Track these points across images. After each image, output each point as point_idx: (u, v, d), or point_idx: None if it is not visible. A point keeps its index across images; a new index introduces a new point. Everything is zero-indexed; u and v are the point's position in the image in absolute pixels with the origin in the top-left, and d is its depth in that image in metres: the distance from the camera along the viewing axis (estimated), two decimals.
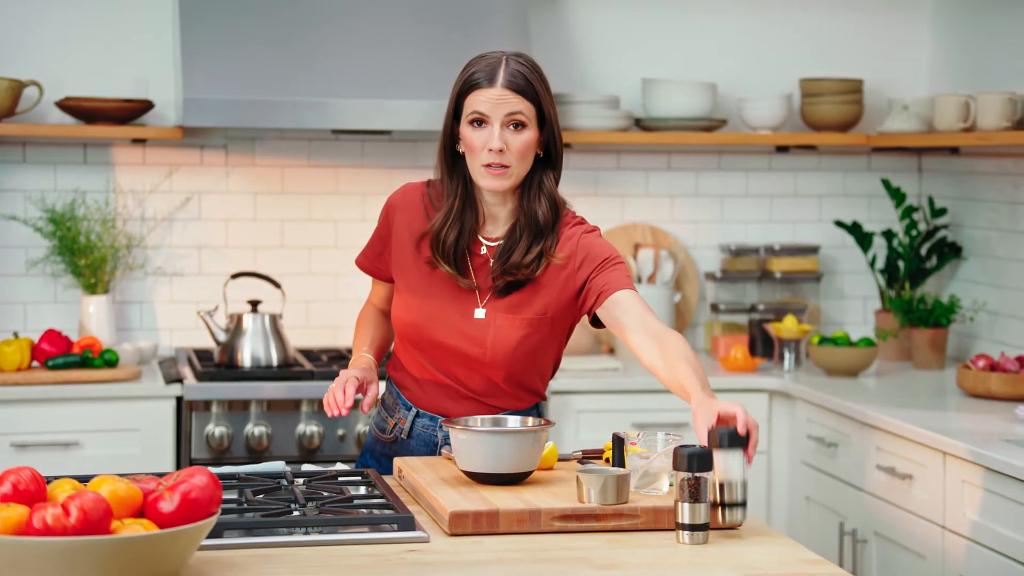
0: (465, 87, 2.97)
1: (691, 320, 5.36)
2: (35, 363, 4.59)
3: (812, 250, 5.33)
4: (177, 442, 4.49)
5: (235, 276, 4.78)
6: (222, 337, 4.63)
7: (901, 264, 5.26)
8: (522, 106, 2.95)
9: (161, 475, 2.38)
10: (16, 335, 4.61)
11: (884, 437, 4.13)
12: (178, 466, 4.46)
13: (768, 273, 5.29)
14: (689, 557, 2.46)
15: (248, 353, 4.59)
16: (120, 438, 4.45)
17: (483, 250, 3.06)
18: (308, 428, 4.47)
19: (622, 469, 2.68)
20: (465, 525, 2.57)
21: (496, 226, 3.07)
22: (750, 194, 5.42)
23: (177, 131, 4.78)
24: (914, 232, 5.24)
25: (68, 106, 4.80)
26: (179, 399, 4.48)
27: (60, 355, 4.53)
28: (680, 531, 2.53)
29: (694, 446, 2.53)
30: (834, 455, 4.44)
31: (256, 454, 4.44)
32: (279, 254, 5.08)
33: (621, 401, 4.71)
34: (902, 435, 4.01)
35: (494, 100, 2.94)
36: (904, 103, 5.16)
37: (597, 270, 3.01)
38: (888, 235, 5.26)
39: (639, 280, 5.17)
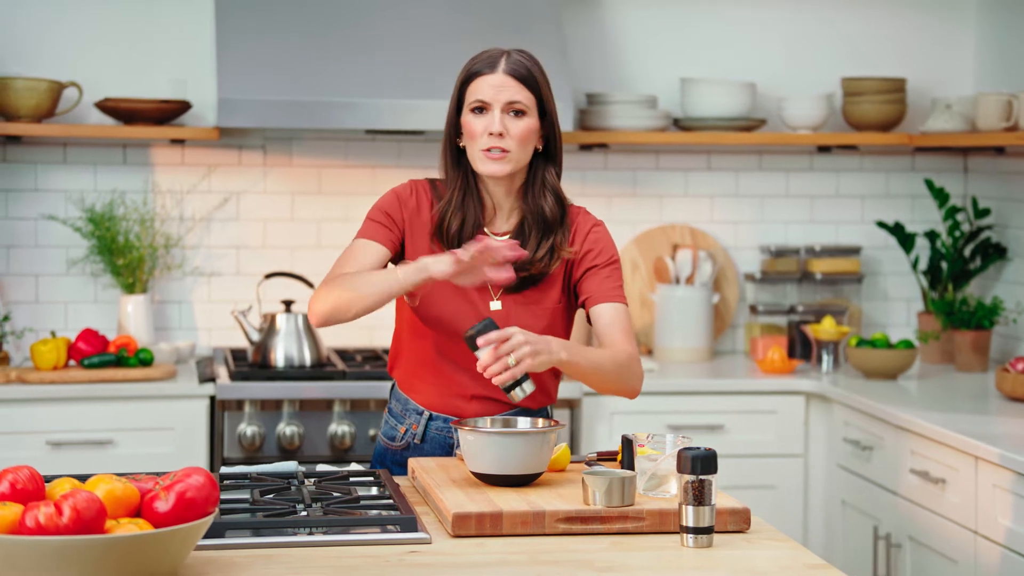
0: (467, 76, 3.03)
1: (730, 321, 5.32)
2: (72, 362, 4.62)
3: (854, 251, 5.27)
4: (211, 441, 4.50)
5: (269, 276, 4.80)
6: (256, 337, 4.64)
7: (944, 265, 5.20)
8: (522, 95, 3.00)
9: (160, 475, 2.39)
10: (53, 334, 4.65)
11: (918, 440, 4.08)
12: (211, 465, 4.48)
13: (809, 274, 5.24)
14: (692, 560, 2.44)
15: (281, 353, 4.61)
16: (154, 437, 4.47)
17: None
18: (340, 428, 4.47)
19: (628, 471, 2.66)
20: (468, 526, 2.56)
21: (504, 220, 3.10)
22: (791, 194, 5.37)
23: (214, 132, 4.80)
24: (957, 233, 5.17)
25: (107, 107, 4.83)
26: (212, 398, 4.50)
27: (96, 354, 4.56)
28: (684, 534, 2.51)
29: (699, 448, 2.50)
30: (869, 458, 4.39)
31: (288, 454, 4.45)
32: (316, 254, 5.09)
33: (656, 403, 4.67)
34: (935, 439, 3.96)
35: (495, 86, 2.99)
36: (947, 102, 5.10)
37: (595, 269, 3.07)
38: (931, 236, 5.20)
39: (676, 281, 5.13)
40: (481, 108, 3.00)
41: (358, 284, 2.90)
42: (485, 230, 3.09)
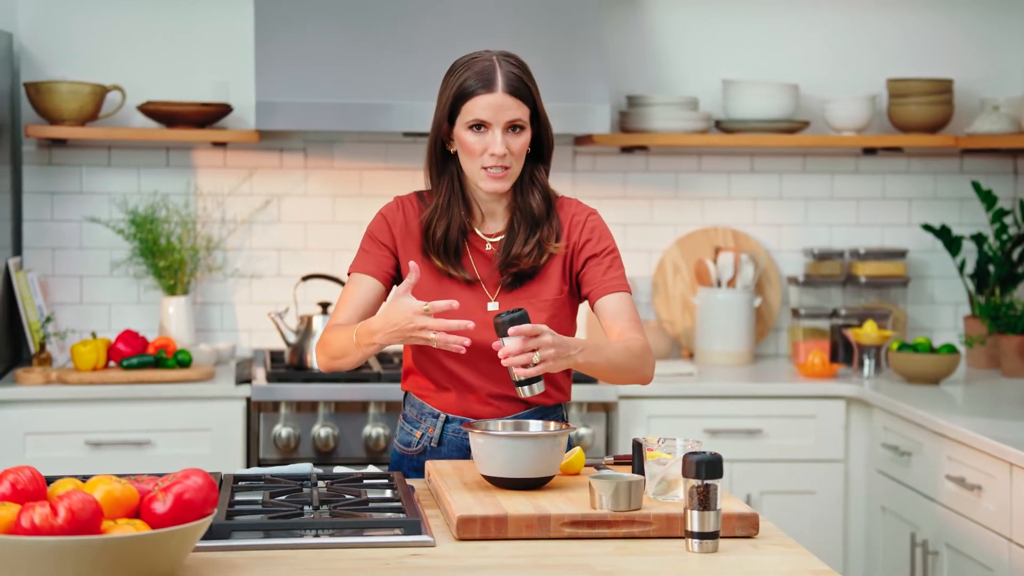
0: (462, 92, 3.00)
1: (773, 325, 5.28)
2: (111, 363, 4.66)
3: (899, 254, 5.21)
4: (247, 443, 4.52)
5: (305, 278, 4.82)
6: (292, 339, 4.66)
7: (991, 268, 5.13)
8: (521, 111, 3.00)
9: (160, 476, 2.40)
10: (94, 335, 4.69)
11: (955, 447, 4.03)
12: (248, 466, 4.50)
13: (853, 277, 5.19)
14: (695, 566, 2.42)
15: None
16: (191, 438, 4.49)
17: (487, 247, 3.10)
18: (375, 430, 4.48)
19: (636, 475, 2.64)
20: (473, 530, 2.55)
21: (495, 222, 3.11)
22: (835, 197, 5.32)
23: (254, 134, 4.82)
24: (1005, 236, 5.10)
25: (149, 110, 4.87)
26: (248, 400, 4.52)
27: (135, 355, 4.60)
28: (689, 539, 2.48)
29: (705, 452, 2.48)
30: (908, 464, 4.34)
31: (323, 456, 4.46)
32: None
33: (693, 406, 4.65)
34: (971, 445, 3.90)
35: (496, 106, 2.97)
36: (995, 103, 5.03)
37: (596, 259, 3.09)
38: (978, 239, 5.13)
39: (718, 284, 5.10)
40: (479, 125, 2.99)
41: (342, 349, 3.00)
42: (481, 234, 3.11)
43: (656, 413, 4.62)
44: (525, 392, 2.82)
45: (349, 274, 3.16)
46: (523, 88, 2.99)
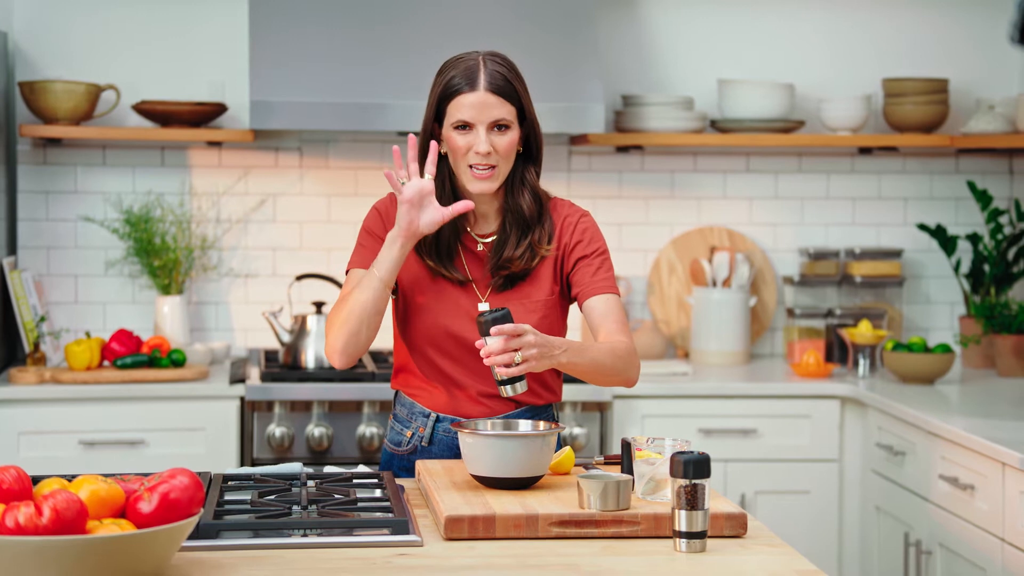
0: (446, 92, 3.01)
1: (768, 324, 5.27)
2: (105, 362, 4.66)
3: (895, 254, 5.21)
4: (241, 442, 4.52)
5: (300, 278, 4.82)
6: (287, 338, 4.66)
7: (987, 268, 5.12)
8: (504, 110, 2.99)
9: (147, 475, 2.39)
10: (88, 335, 4.69)
11: (947, 446, 4.03)
12: (242, 466, 4.49)
13: (848, 277, 5.19)
14: (681, 565, 2.41)
15: (312, 354, 4.62)
16: (185, 437, 4.49)
17: (479, 247, 3.10)
18: (369, 430, 4.48)
19: (624, 475, 2.64)
20: (461, 530, 2.55)
21: (488, 223, 3.12)
22: (831, 196, 5.31)
23: (249, 134, 4.82)
24: (1000, 236, 5.10)
25: (143, 109, 4.86)
26: (242, 399, 4.52)
27: (129, 355, 4.60)
28: (677, 539, 2.48)
29: (692, 452, 2.48)
30: (902, 464, 4.34)
31: (317, 455, 4.46)
32: None
33: (688, 406, 4.64)
34: (964, 445, 3.90)
35: (479, 105, 2.97)
36: (990, 103, 5.03)
37: (586, 260, 3.09)
38: (973, 239, 5.13)
39: (713, 284, 5.09)
40: (464, 126, 2.99)
41: (348, 306, 2.97)
42: (473, 235, 3.11)
43: (651, 413, 4.62)
44: (507, 391, 2.82)
45: (348, 271, 3.13)
46: (507, 86, 2.99)
